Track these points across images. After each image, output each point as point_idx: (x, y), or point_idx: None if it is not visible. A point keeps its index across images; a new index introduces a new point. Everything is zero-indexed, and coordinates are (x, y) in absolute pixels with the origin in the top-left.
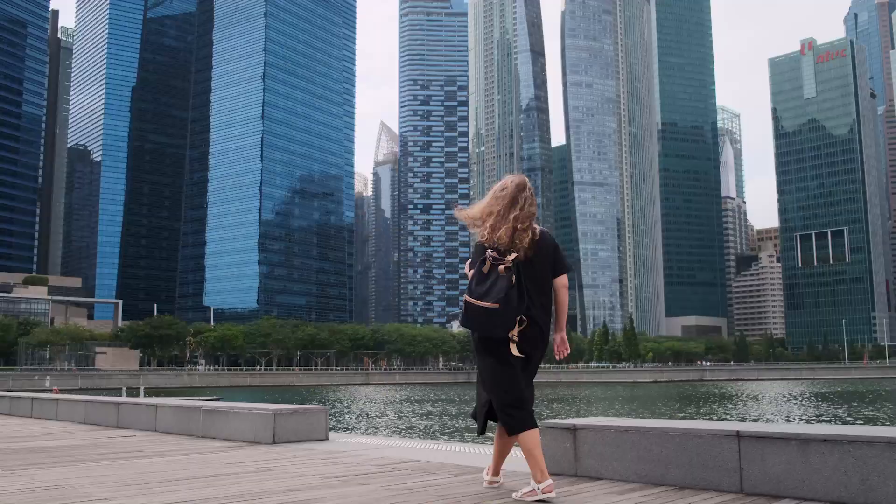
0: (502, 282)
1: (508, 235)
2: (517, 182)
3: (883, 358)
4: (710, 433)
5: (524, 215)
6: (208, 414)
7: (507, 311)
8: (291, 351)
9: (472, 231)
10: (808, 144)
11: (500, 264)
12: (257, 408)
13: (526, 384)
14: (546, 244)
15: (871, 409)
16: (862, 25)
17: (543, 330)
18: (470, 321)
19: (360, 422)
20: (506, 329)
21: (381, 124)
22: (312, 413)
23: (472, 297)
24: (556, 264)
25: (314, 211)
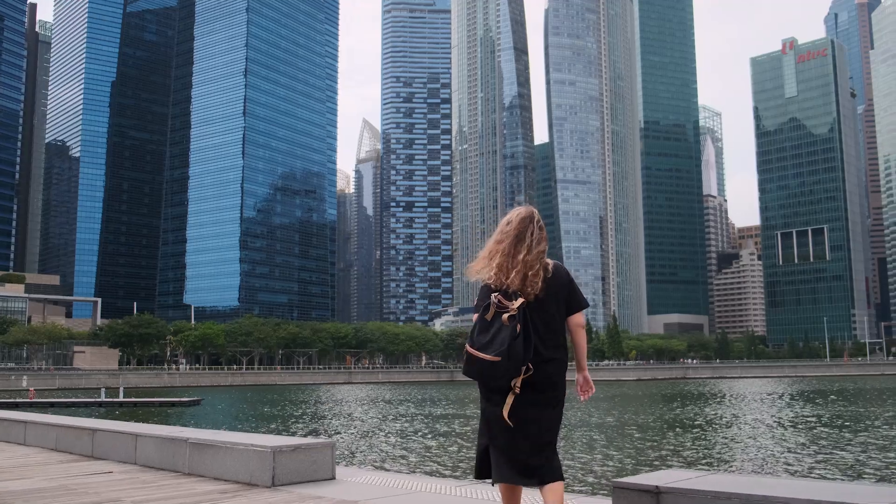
0: (505, 332)
1: (520, 280)
2: (523, 215)
3: (863, 355)
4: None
5: (534, 257)
6: (196, 448)
7: (510, 365)
8: (273, 350)
9: (481, 277)
10: (789, 143)
11: (504, 312)
12: (254, 443)
13: (533, 434)
14: (559, 281)
15: (851, 408)
16: (842, 25)
17: (558, 369)
18: (471, 371)
19: (349, 428)
20: (508, 380)
21: (364, 121)
22: (317, 449)
23: (472, 348)
24: (571, 302)
25: (296, 208)
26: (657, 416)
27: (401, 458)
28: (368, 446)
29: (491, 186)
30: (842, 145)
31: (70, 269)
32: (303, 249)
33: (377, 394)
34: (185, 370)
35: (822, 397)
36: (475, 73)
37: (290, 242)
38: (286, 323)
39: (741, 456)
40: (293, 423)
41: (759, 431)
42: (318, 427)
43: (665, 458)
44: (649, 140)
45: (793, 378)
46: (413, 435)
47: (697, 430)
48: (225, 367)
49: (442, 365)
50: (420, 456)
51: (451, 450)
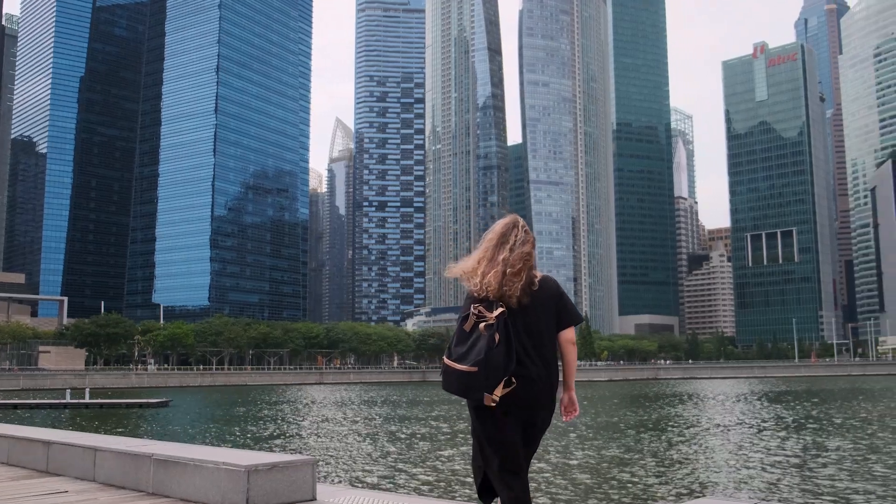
0: (482, 342)
1: (497, 280)
2: (506, 221)
3: (830, 356)
4: None
5: (515, 257)
6: (161, 465)
7: (488, 376)
8: (244, 350)
9: (468, 286)
10: (759, 146)
11: (482, 321)
12: (225, 461)
13: (507, 457)
14: (548, 292)
15: (820, 409)
16: (812, 30)
17: (543, 388)
18: (449, 385)
19: (327, 435)
20: (487, 392)
21: (337, 120)
22: (296, 467)
23: (449, 359)
24: (562, 316)
25: (268, 207)
26: (638, 418)
27: (386, 472)
28: (350, 458)
29: (464, 187)
30: (811, 149)
31: (36, 268)
32: (274, 249)
33: (350, 395)
34: (154, 371)
35: (803, 399)
36: (449, 72)
37: (262, 241)
38: (257, 323)
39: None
40: (265, 426)
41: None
42: (292, 432)
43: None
44: (621, 142)
45: (762, 378)
46: (396, 442)
47: (694, 436)
48: (194, 367)
49: (414, 365)
50: (406, 470)
51: (439, 462)
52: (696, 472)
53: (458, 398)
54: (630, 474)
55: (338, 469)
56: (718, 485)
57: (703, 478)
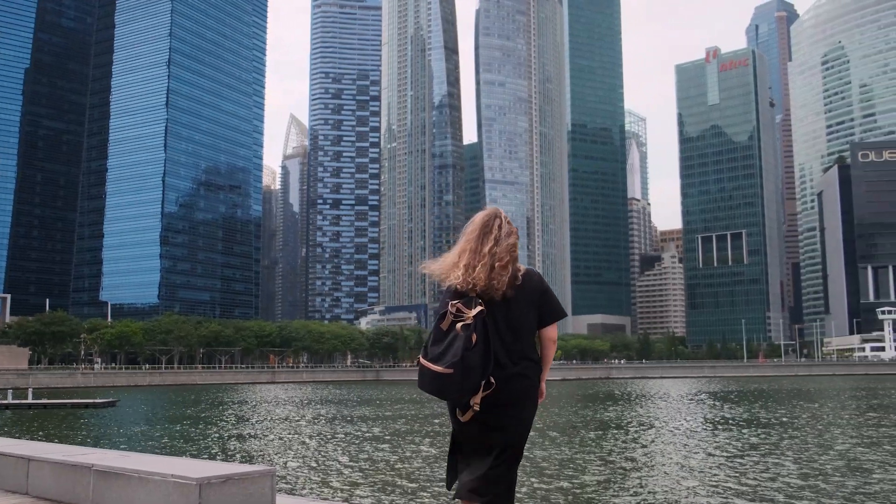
0: (459, 343)
1: (486, 273)
2: (486, 212)
3: (778, 356)
4: None
5: (503, 249)
6: (103, 477)
7: (464, 377)
8: (194, 348)
9: (448, 283)
10: (711, 149)
11: (459, 320)
12: (175, 473)
13: (496, 462)
14: (532, 287)
15: (767, 409)
16: (762, 37)
17: (523, 385)
18: (424, 385)
19: (282, 438)
20: (463, 394)
21: (291, 117)
22: (253, 479)
23: (425, 359)
24: (545, 312)
25: (220, 204)
26: (590, 417)
27: (350, 480)
28: (310, 465)
29: (419, 185)
30: (761, 153)
31: None
32: (226, 246)
33: (304, 395)
34: (101, 370)
35: (753, 399)
36: (405, 71)
37: (214, 239)
38: (208, 321)
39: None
40: (217, 429)
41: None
42: (246, 435)
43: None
44: (576, 143)
45: (711, 378)
46: (357, 446)
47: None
48: (143, 366)
49: (367, 364)
50: (371, 476)
51: (402, 466)
52: (642, 478)
53: (432, 398)
54: (575, 478)
55: (298, 478)
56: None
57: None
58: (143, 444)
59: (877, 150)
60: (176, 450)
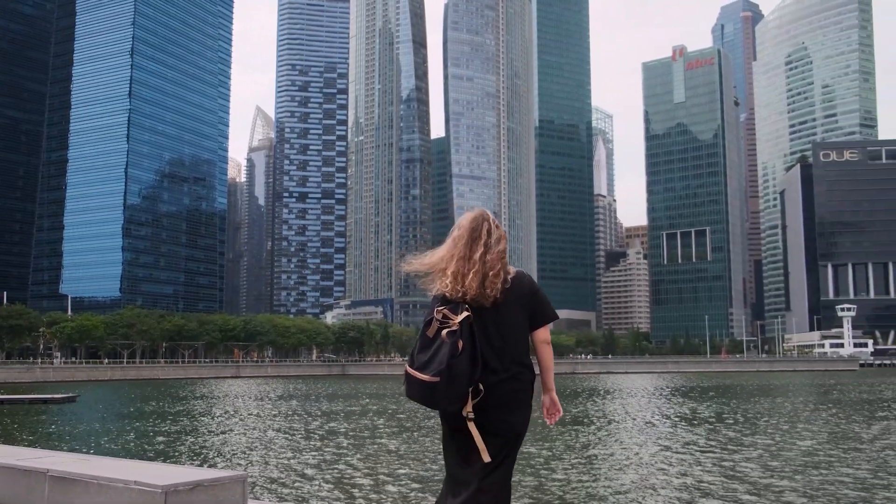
0: (445, 350)
1: (478, 283)
2: (474, 215)
3: (740, 352)
4: None
5: (495, 257)
6: (59, 483)
7: (451, 386)
8: (157, 342)
9: (431, 287)
10: (676, 147)
11: (445, 327)
12: (138, 479)
13: (485, 470)
14: (521, 289)
15: (733, 407)
16: (728, 36)
17: (515, 390)
18: (412, 393)
19: (249, 437)
20: (451, 403)
21: (257, 108)
22: (223, 485)
23: (411, 367)
24: (536, 314)
25: (184, 196)
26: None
27: (320, 481)
28: (281, 467)
29: (386, 179)
30: (725, 151)
31: None
32: (190, 239)
33: (270, 389)
34: (60, 364)
35: (718, 395)
36: (373, 64)
37: (177, 231)
38: (171, 315)
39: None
40: (181, 426)
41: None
42: (212, 431)
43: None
44: (543, 138)
45: (675, 373)
46: (330, 445)
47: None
48: (104, 360)
49: (333, 359)
50: (345, 479)
51: (377, 464)
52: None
53: (419, 406)
54: (542, 474)
55: (270, 482)
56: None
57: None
58: (104, 443)
59: (838, 149)
60: (139, 450)
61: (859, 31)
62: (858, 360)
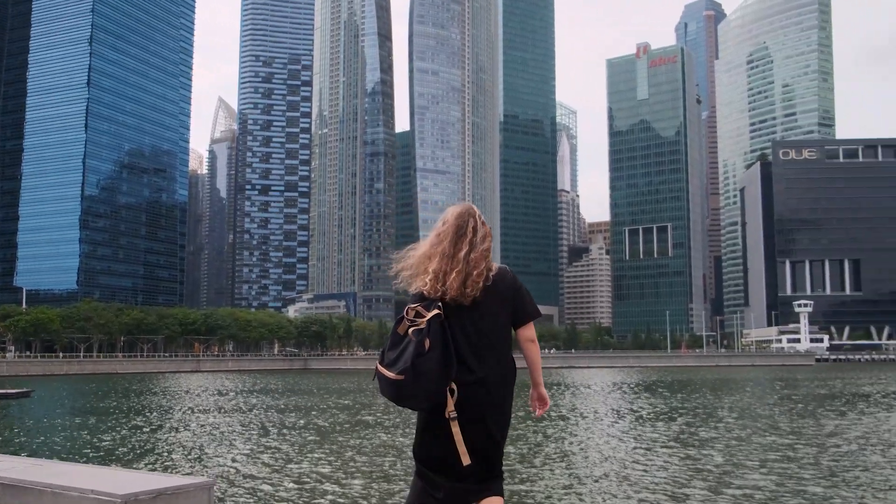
0: (410, 348)
1: (460, 282)
2: (459, 211)
3: (699, 347)
4: None
5: (479, 255)
6: (9, 492)
7: (417, 384)
8: (115, 336)
9: (414, 286)
10: (639, 144)
11: (413, 325)
12: (95, 487)
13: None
14: (504, 286)
15: (689, 401)
16: (691, 35)
17: (496, 391)
18: (382, 391)
19: (212, 436)
20: (420, 402)
21: (219, 100)
22: (188, 493)
23: (381, 364)
24: (519, 312)
25: (144, 187)
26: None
27: (288, 485)
28: (248, 470)
29: (350, 172)
30: (687, 148)
31: None
32: (150, 231)
33: (232, 384)
34: (14, 358)
35: (685, 389)
36: (338, 56)
37: (137, 223)
38: (130, 308)
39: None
40: (141, 423)
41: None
42: (174, 427)
43: None
44: (508, 133)
45: (637, 368)
46: (292, 438)
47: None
48: (60, 354)
49: (295, 353)
50: (312, 479)
51: (347, 465)
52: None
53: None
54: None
55: (237, 488)
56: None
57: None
58: (59, 442)
59: (797, 148)
60: (96, 450)
61: (819, 31)
62: (814, 356)
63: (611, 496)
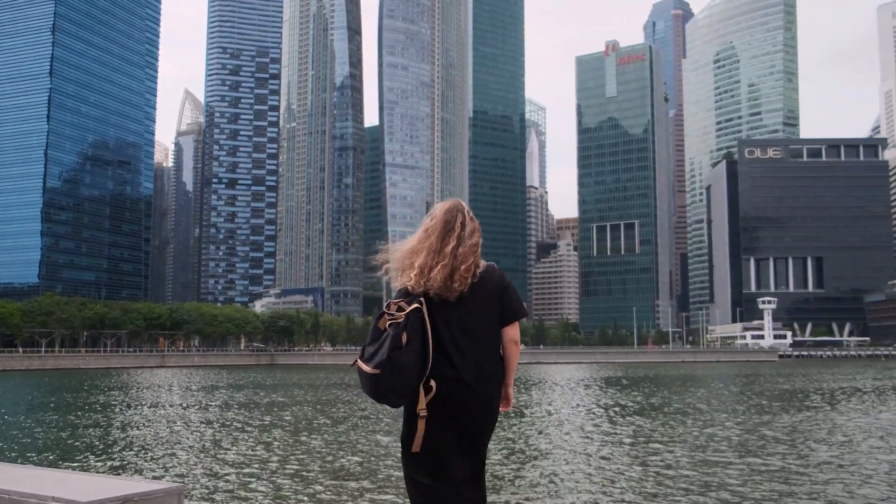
0: (387, 342)
1: (444, 276)
2: (447, 206)
3: (665, 343)
4: None
5: (467, 250)
6: None
7: (393, 379)
8: (77, 331)
9: (399, 282)
10: (608, 141)
11: (392, 319)
12: (57, 491)
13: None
14: (491, 284)
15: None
16: (659, 33)
17: (480, 390)
18: (363, 386)
19: (177, 430)
20: (397, 397)
21: (186, 92)
22: (158, 499)
23: (361, 359)
24: (505, 311)
25: (108, 180)
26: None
27: (261, 489)
28: (219, 472)
29: (318, 167)
30: (654, 146)
31: None
32: (114, 224)
33: (198, 380)
34: None
35: (652, 384)
36: (307, 50)
37: (101, 216)
38: (93, 302)
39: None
40: (104, 422)
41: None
42: (140, 425)
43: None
44: (477, 129)
45: (605, 363)
46: (260, 436)
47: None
48: (21, 349)
49: (262, 348)
50: (286, 483)
51: (324, 467)
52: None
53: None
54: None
55: (206, 490)
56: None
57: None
58: (17, 442)
59: (762, 147)
60: (56, 451)
61: (784, 32)
62: (778, 352)
63: (575, 493)
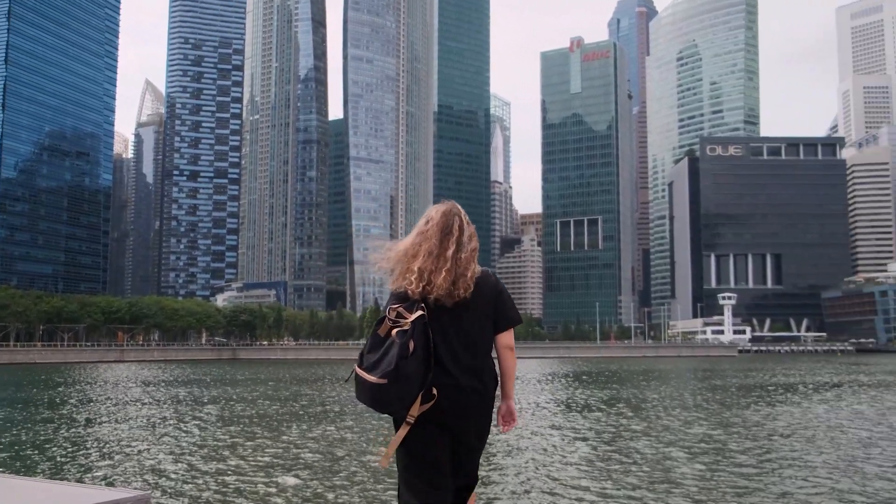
0: (394, 351)
1: (448, 282)
2: (444, 209)
3: (628, 338)
4: None
5: (469, 255)
6: None
7: (400, 388)
8: (33, 325)
9: (395, 285)
10: (572, 137)
11: (397, 326)
12: (12, 500)
13: (449, 472)
14: (486, 289)
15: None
16: (623, 31)
17: (475, 397)
18: (361, 396)
19: (138, 428)
20: (402, 407)
21: (146, 82)
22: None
23: (360, 368)
24: (500, 317)
25: (65, 171)
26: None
27: (227, 490)
28: (185, 475)
29: (282, 160)
30: (618, 142)
31: None
32: (72, 216)
33: (158, 375)
34: None
35: (615, 379)
36: (270, 41)
37: (58, 208)
38: (49, 296)
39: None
40: (62, 421)
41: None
42: (99, 422)
43: None
44: (442, 124)
45: (568, 358)
46: (226, 434)
47: None
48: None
49: (224, 342)
50: (258, 487)
51: (291, 464)
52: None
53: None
54: None
55: (171, 492)
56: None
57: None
58: None
59: (723, 144)
60: (11, 455)
61: (745, 31)
62: (737, 347)
63: (538, 491)
